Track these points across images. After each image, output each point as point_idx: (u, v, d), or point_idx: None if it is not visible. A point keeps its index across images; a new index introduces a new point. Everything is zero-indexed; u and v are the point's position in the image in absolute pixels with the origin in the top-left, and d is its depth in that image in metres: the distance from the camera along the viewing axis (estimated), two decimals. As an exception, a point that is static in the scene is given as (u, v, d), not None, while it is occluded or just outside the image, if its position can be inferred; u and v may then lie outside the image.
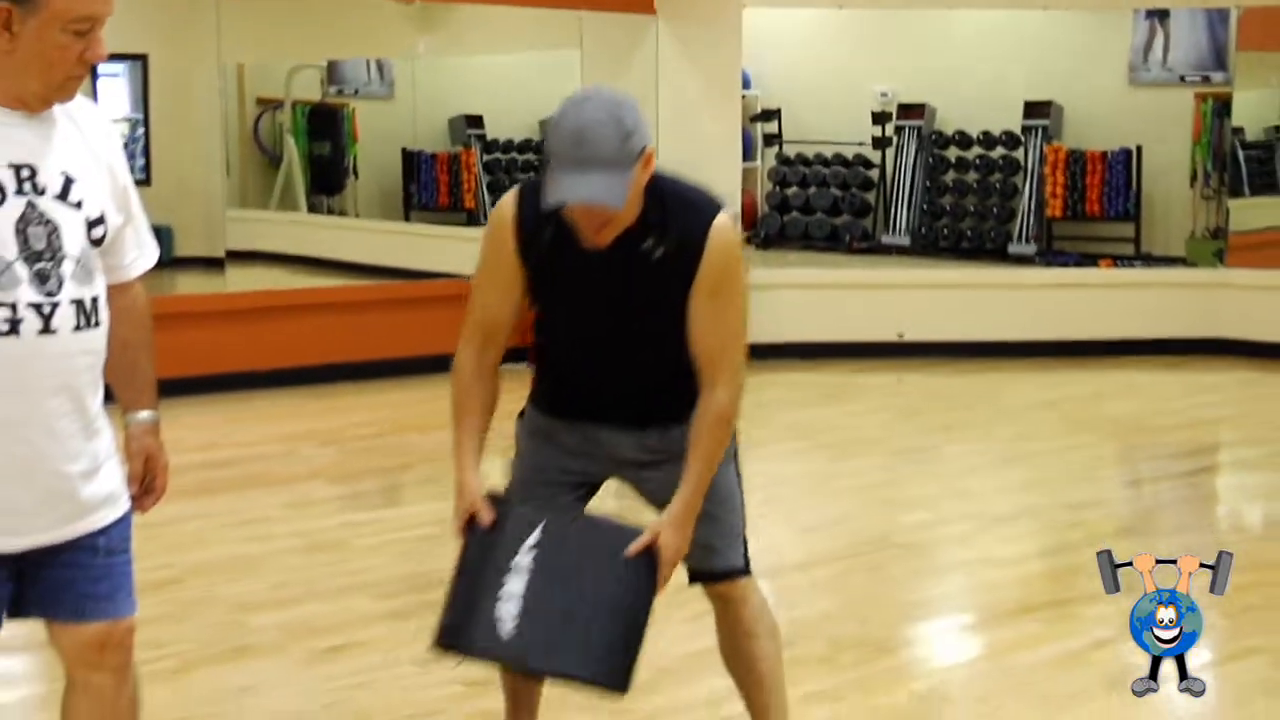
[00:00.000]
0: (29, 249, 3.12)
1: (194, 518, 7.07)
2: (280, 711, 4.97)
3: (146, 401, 3.55)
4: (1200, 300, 12.26)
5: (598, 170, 3.45)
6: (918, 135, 13.71)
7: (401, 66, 13.97)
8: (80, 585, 3.33)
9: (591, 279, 3.74)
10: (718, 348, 3.73)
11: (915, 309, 11.89)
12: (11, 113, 3.16)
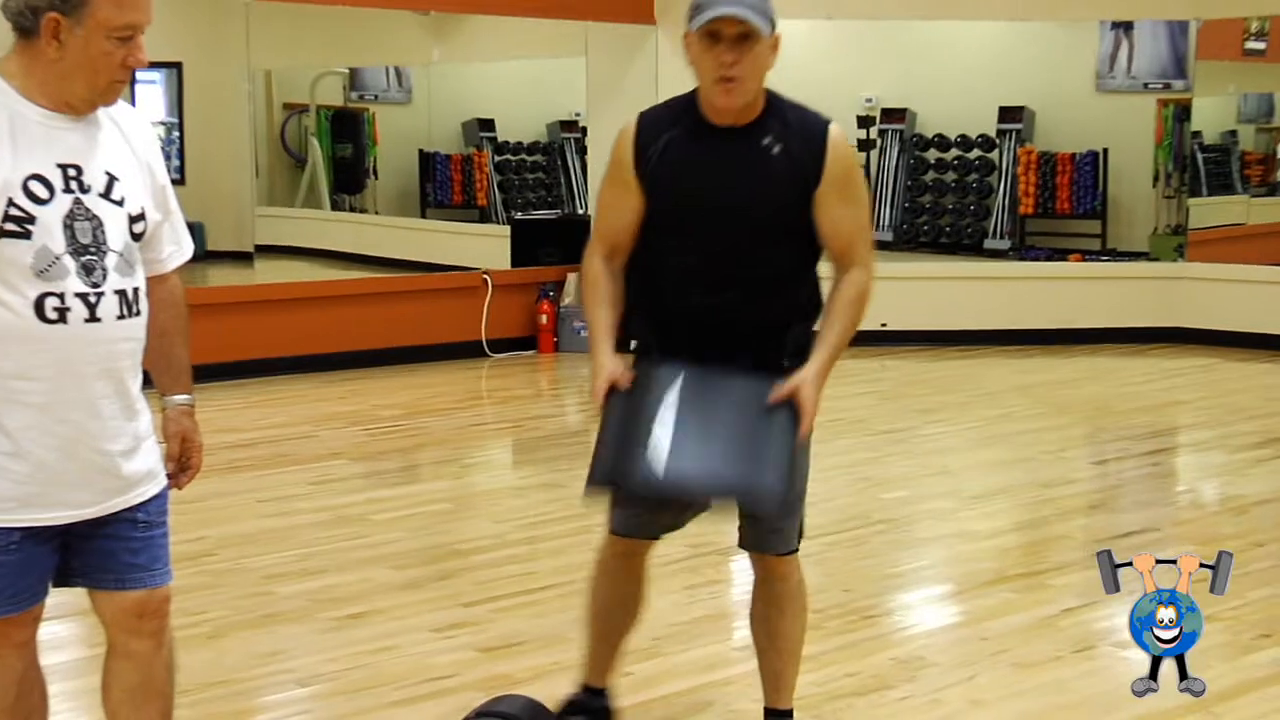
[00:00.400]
0: (76, 243, 3.14)
1: (226, 494, 7.08)
2: (305, 674, 4.96)
3: (182, 386, 3.55)
4: (1162, 292, 12.28)
5: (745, 5, 3.54)
6: (900, 138, 13.70)
7: (418, 73, 13.97)
8: (121, 556, 3.34)
9: (715, 174, 3.76)
10: (856, 233, 3.82)
11: (897, 299, 11.85)
12: (59, 116, 3.17)
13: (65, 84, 3.14)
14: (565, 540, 6.50)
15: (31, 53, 3.11)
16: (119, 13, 3.06)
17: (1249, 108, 13.66)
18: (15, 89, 3.13)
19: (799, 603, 4.06)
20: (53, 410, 3.16)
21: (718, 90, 3.63)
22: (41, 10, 3.04)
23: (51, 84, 3.14)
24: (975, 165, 13.60)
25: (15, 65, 3.14)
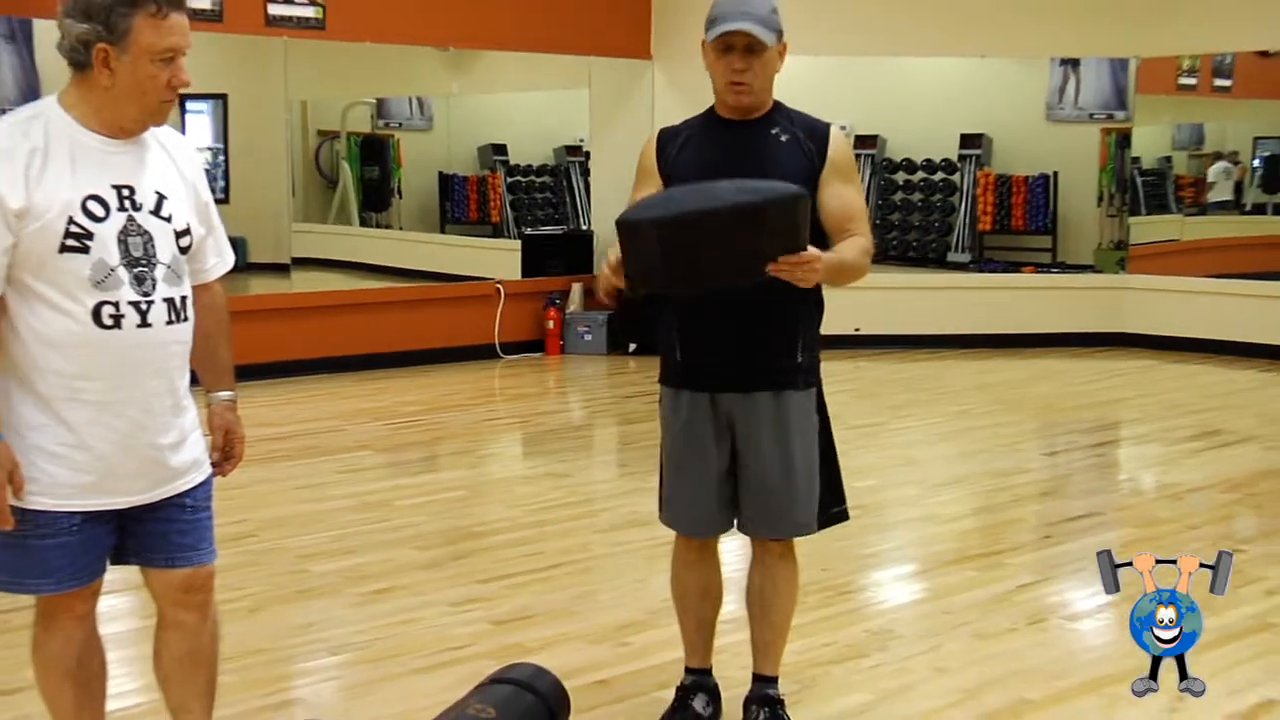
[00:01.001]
0: (129, 256, 3.15)
1: (265, 481, 7.07)
2: (336, 644, 4.95)
3: (226, 383, 3.56)
4: (1106, 301, 12.29)
5: (754, 21, 3.68)
6: (872, 162, 13.69)
7: (439, 103, 13.96)
8: (171, 537, 3.36)
9: (727, 158, 3.80)
10: (856, 209, 3.86)
11: (869, 307, 11.85)
12: (113, 141, 3.18)
13: (119, 108, 3.15)
14: (570, 524, 6.49)
15: (87, 84, 3.13)
16: (160, 38, 3.08)
17: (1182, 136, 13.69)
18: (74, 118, 3.14)
19: (792, 581, 4.06)
20: (110, 407, 3.18)
21: (730, 91, 3.77)
22: (92, 43, 3.05)
23: (106, 110, 3.15)
24: (939, 186, 13.59)
25: (73, 97, 3.16)
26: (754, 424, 3.84)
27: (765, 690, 4.07)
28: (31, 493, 3.14)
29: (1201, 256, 13.00)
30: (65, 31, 3.10)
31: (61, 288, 3.10)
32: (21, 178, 3.04)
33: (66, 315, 3.11)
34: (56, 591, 3.26)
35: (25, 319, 3.12)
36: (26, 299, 3.11)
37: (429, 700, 4.12)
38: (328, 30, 10.31)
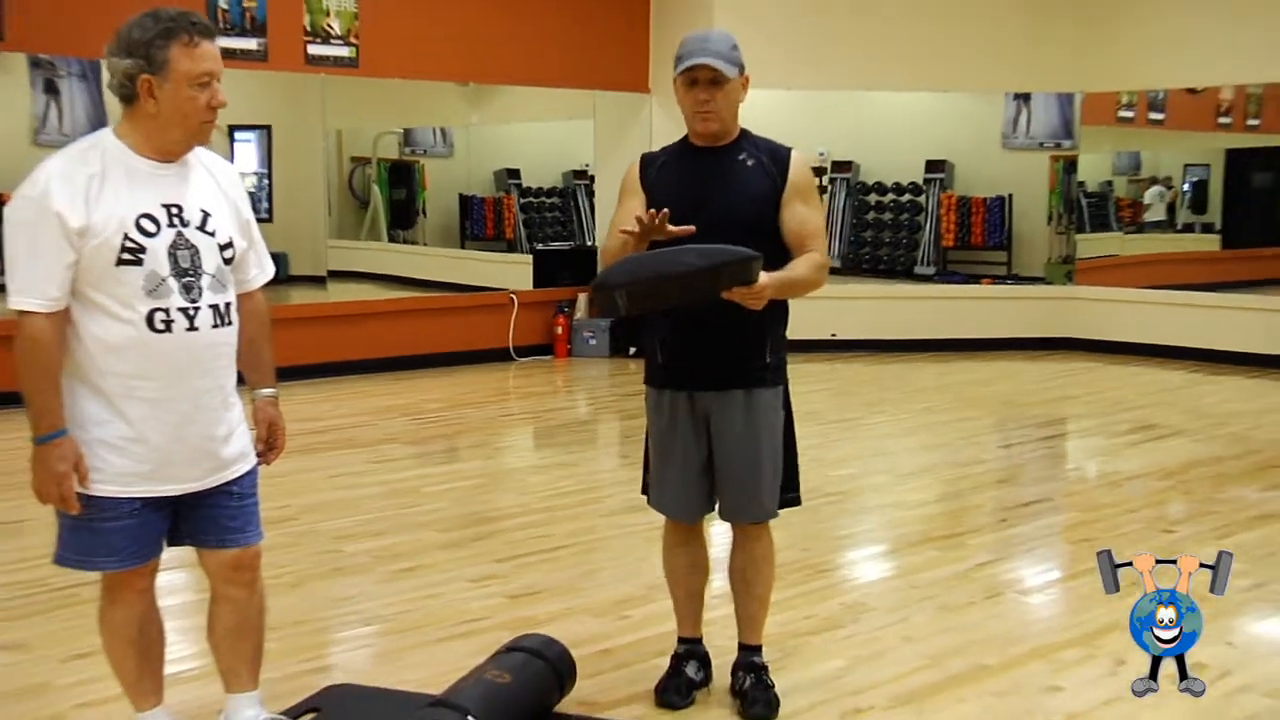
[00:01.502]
0: (178, 267, 3.18)
1: (304, 471, 7.07)
2: (368, 616, 4.95)
3: (268, 381, 3.59)
4: (1055, 309, 12.30)
5: (715, 56, 3.72)
6: (847, 185, 13.67)
7: (459, 132, 13.95)
8: (221, 521, 3.39)
9: (700, 185, 3.83)
10: (813, 230, 3.85)
11: (844, 314, 11.90)
12: (162, 164, 3.22)
13: (165, 133, 3.19)
14: (576, 509, 6.49)
15: (136, 115, 3.17)
16: (194, 64, 3.12)
17: (1121, 163, 13.69)
18: (127, 145, 3.18)
19: (770, 560, 4.06)
20: (164, 404, 3.20)
21: (697, 119, 3.80)
22: (136, 76, 3.10)
23: (155, 136, 3.19)
24: (907, 207, 13.57)
25: (126, 127, 3.20)
26: (728, 418, 3.86)
27: (750, 658, 4.07)
28: (96, 481, 3.17)
29: (1139, 270, 12.99)
30: (113, 69, 3.15)
31: (118, 297, 3.13)
32: (82, 200, 3.07)
33: (124, 322, 3.14)
34: (119, 569, 3.29)
35: (87, 326, 3.15)
36: (88, 308, 3.14)
37: (450, 666, 4.12)
38: (360, 68, 10.31)
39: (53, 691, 4.12)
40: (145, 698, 3.45)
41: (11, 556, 5.72)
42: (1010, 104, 12.85)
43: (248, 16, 9.57)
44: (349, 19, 10.14)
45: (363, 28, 10.25)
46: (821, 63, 11.70)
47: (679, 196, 3.77)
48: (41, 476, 3.13)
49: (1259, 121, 12.53)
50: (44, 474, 3.12)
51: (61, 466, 3.11)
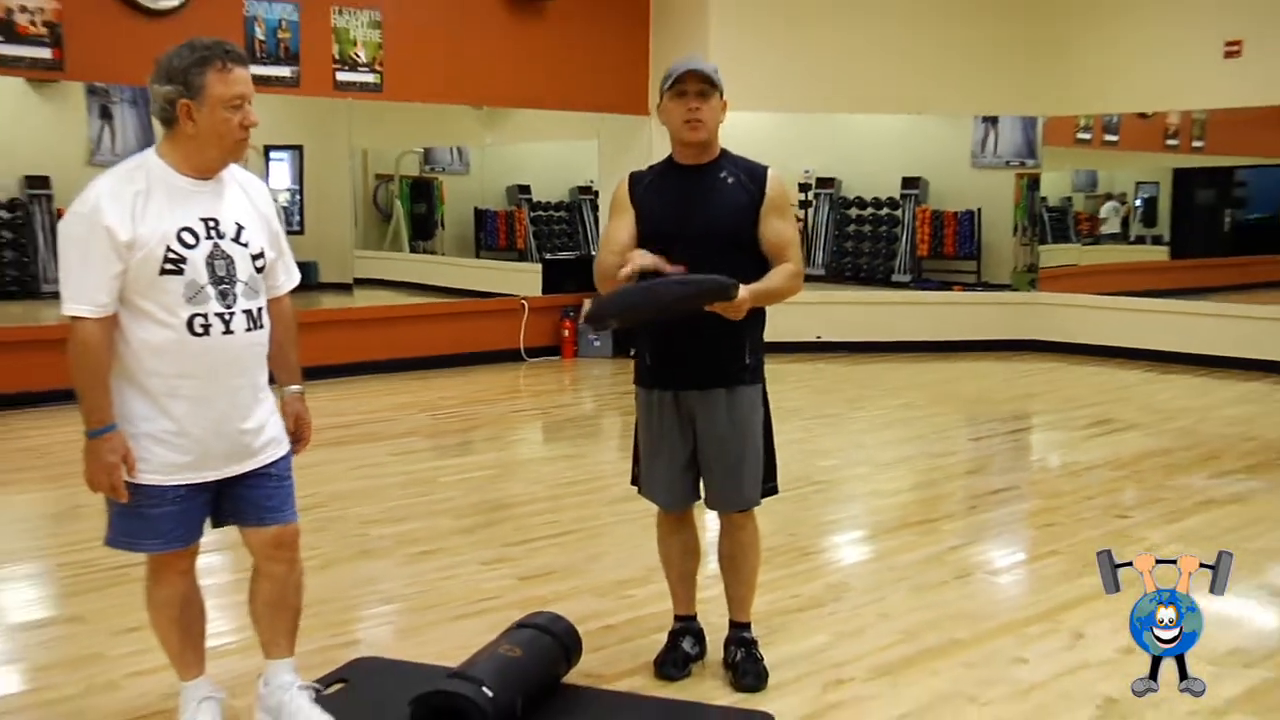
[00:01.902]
0: (215, 275, 3.22)
1: (331, 462, 7.06)
2: (390, 595, 4.95)
3: (295, 379, 3.62)
4: (1020, 313, 12.29)
5: (703, 66, 3.77)
6: (830, 199, 13.66)
7: (475, 152, 13.96)
8: (261, 501, 3.43)
9: (684, 200, 3.83)
10: (788, 241, 3.85)
11: (828, 318, 11.90)
12: (200, 182, 3.25)
13: (203, 152, 3.22)
14: (582, 497, 6.49)
15: (177, 136, 3.22)
16: (227, 88, 3.16)
17: (1079, 180, 13.69)
18: (169, 165, 3.22)
19: (755, 545, 4.06)
20: (203, 400, 3.23)
21: (686, 129, 3.79)
22: (175, 100, 3.15)
23: (193, 156, 3.22)
24: (885, 220, 13.56)
25: (166, 148, 3.24)
26: (712, 415, 3.86)
27: (741, 634, 4.07)
28: (143, 471, 3.20)
29: (1096, 278, 13.00)
30: (155, 96, 3.20)
31: (162, 304, 3.16)
32: (129, 216, 3.11)
33: (166, 326, 3.17)
34: (164, 550, 3.33)
35: (133, 330, 3.18)
36: (134, 314, 3.17)
37: (466, 641, 4.11)
38: (384, 92, 10.31)
39: (106, 661, 4.12)
40: (189, 668, 3.47)
41: (68, 540, 5.74)
42: (979, 126, 12.85)
43: (282, 46, 9.59)
44: (374, 48, 10.15)
45: (386, 56, 10.25)
46: (807, 87, 11.69)
47: (666, 212, 3.82)
48: (93, 467, 3.16)
49: (1203, 144, 12.60)
50: (95, 465, 3.15)
51: (111, 458, 3.14)
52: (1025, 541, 5.91)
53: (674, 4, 11.73)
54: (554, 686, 3.83)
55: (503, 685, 3.53)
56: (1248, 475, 7.04)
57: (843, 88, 11.76)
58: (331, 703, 3.78)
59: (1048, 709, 3.85)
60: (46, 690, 3.97)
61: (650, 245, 3.76)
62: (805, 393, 9.81)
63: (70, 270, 3.12)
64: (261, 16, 9.48)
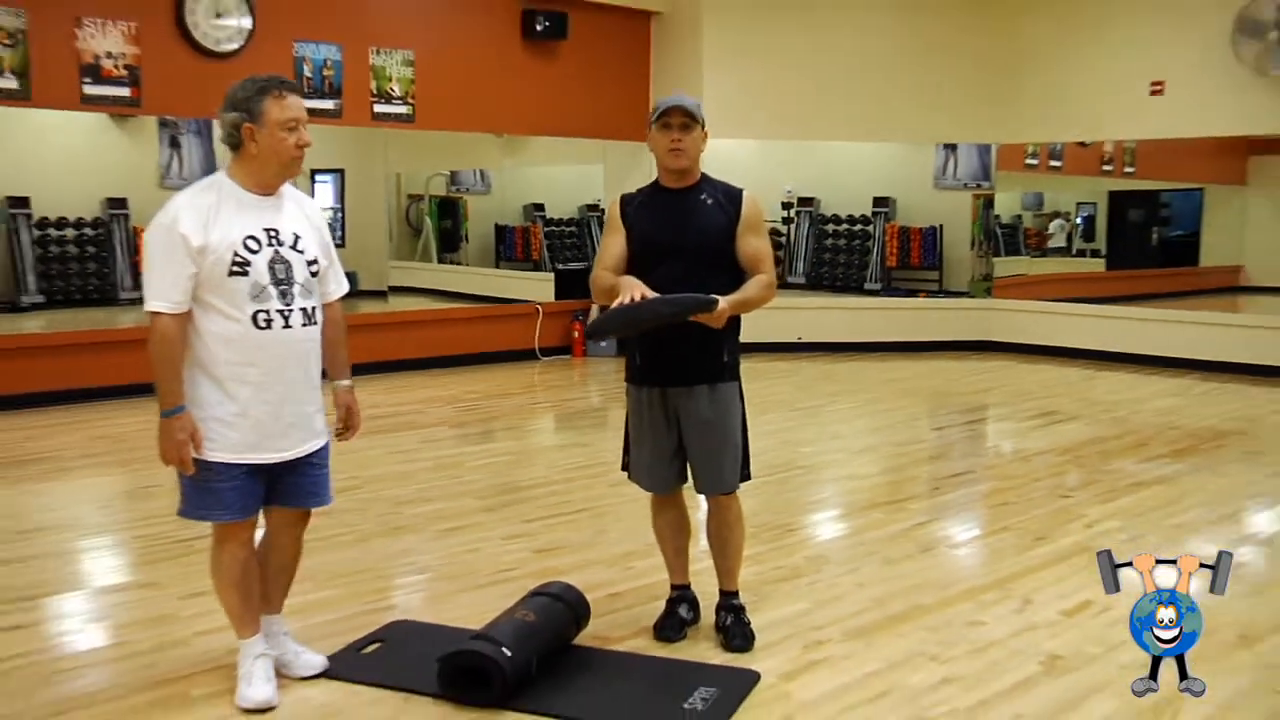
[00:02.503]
0: (275, 277, 3.32)
1: (369, 449, 7.05)
2: (421, 566, 4.95)
3: (346, 375, 3.69)
4: (977, 317, 12.28)
5: (686, 102, 3.79)
6: (809, 216, 13.65)
7: (495, 174, 13.96)
8: (306, 487, 3.53)
9: (669, 217, 3.84)
10: (763, 255, 3.85)
11: (808, 321, 11.90)
12: (262, 197, 3.37)
13: (264, 170, 3.34)
14: (591, 480, 6.49)
15: (242, 158, 3.34)
16: (282, 112, 3.29)
17: (1028, 201, 13.71)
18: (236, 182, 3.34)
19: (739, 524, 4.05)
20: (264, 386, 3.33)
21: (670, 156, 3.82)
22: (240, 125, 3.29)
23: (256, 173, 3.34)
24: (858, 234, 13.54)
25: (234, 169, 3.36)
26: (695, 409, 3.87)
27: (730, 601, 4.07)
28: (213, 450, 3.31)
29: (1043, 286, 13.00)
30: (223, 123, 3.32)
31: (230, 301, 3.27)
32: (202, 225, 3.23)
33: (234, 321, 3.28)
34: (230, 521, 3.39)
35: (205, 325, 3.28)
36: (206, 310, 3.27)
37: (487, 607, 4.12)
38: (416, 122, 10.30)
39: (177, 621, 4.13)
40: (246, 627, 3.51)
41: (143, 515, 5.77)
42: (940, 152, 12.84)
43: (327, 83, 9.62)
44: (407, 84, 10.15)
45: (418, 91, 10.25)
46: (790, 117, 11.68)
47: (653, 229, 3.84)
48: (165, 443, 3.27)
49: (1133, 169, 12.76)
50: (167, 441, 3.26)
51: (181, 435, 3.25)
52: (981, 519, 5.92)
53: (671, 45, 11.74)
54: (565, 647, 3.83)
55: (520, 646, 3.54)
56: (1172, 459, 7.05)
57: (822, 118, 11.77)
58: (369, 660, 3.80)
59: (1000, 665, 3.85)
60: (126, 645, 3.99)
61: (640, 258, 3.83)
62: (787, 388, 9.81)
63: (152, 272, 3.24)
64: (309, 57, 9.51)
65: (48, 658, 3.91)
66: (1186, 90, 10.72)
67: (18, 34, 8.07)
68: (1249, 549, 5.30)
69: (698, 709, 3.45)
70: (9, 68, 8.04)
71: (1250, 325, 10.80)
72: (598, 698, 3.54)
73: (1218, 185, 12.92)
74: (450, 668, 3.51)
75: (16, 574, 4.75)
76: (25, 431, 7.65)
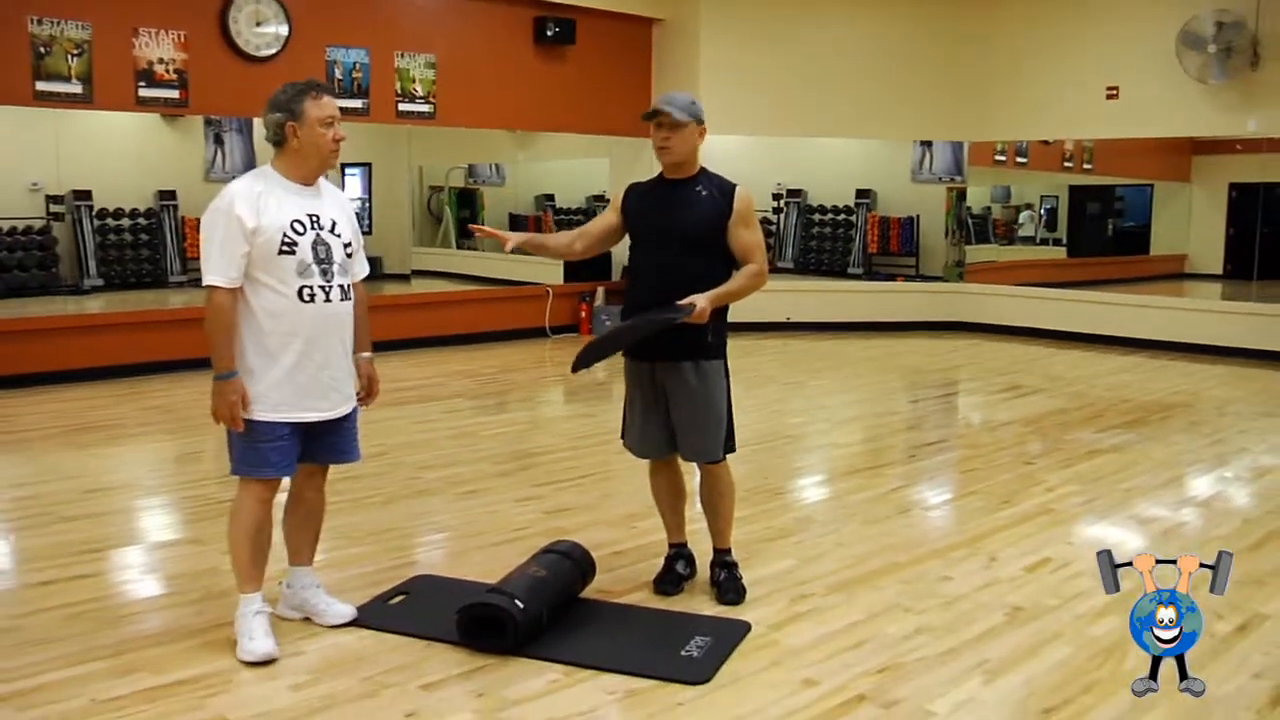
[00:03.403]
0: (318, 257, 3.44)
1: (394, 419, 7.08)
2: (441, 526, 4.97)
3: (367, 347, 3.74)
4: (950, 300, 12.27)
5: (671, 106, 3.74)
6: (798, 206, 13.61)
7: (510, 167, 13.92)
8: (338, 445, 3.62)
9: (664, 208, 3.83)
10: (754, 246, 3.83)
11: (796, 303, 11.89)
12: (304, 187, 3.48)
13: (305, 164, 3.44)
14: (596, 447, 6.50)
15: (286, 153, 3.45)
16: (320, 111, 3.41)
17: (997, 193, 13.66)
18: (280, 174, 3.45)
19: (729, 489, 4.04)
20: (307, 353, 3.42)
21: (658, 153, 3.82)
22: (283, 123, 3.40)
23: (298, 166, 3.45)
24: (842, 223, 13.50)
25: (279, 163, 3.47)
26: (681, 384, 3.86)
27: (723, 558, 4.07)
28: (260, 410, 3.38)
29: (1010, 271, 12.96)
30: (268, 124, 3.43)
31: (279, 277, 3.37)
32: (254, 209, 3.33)
33: (283, 295, 3.38)
34: (274, 476, 3.47)
35: (256, 300, 3.38)
36: (256, 286, 3.37)
37: (501, 563, 4.12)
38: (437, 119, 10.28)
39: (219, 574, 4.14)
40: (250, 582, 3.51)
41: (191, 478, 5.79)
42: (917, 149, 12.80)
43: (356, 84, 9.62)
44: (429, 84, 10.12)
45: (439, 90, 10.22)
46: (781, 115, 11.66)
47: (651, 216, 3.86)
48: (218, 403, 3.35)
49: (1091, 166, 12.77)
50: (220, 401, 3.34)
51: (233, 397, 3.33)
52: (952, 483, 5.93)
53: (671, 49, 11.69)
54: (573, 600, 3.85)
55: (531, 598, 3.55)
56: (1124, 430, 7.05)
57: (809, 116, 11.74)
58: (394, 610, 3.82)
59: (968, 615, 3.87)
60: (175, 595, 4.02)
61: (635, 240, 3.89)
62: (776, 364, 9.81)
63: (210, 251, 3.32)
64: (340, 60, 9.52)
65: (112, 603, 3.96)
66: (1138, 96, 10.82)
67: (84, 44, 8.20)
68: (1190, 510, 5.31)
69: (694, 656, 3.47)
70: (75, 75, 8.19)
71: (1193, 309, 10.89)
72: (602, 646, 3.55)
73: (1166, 181, 12.95)
74: (468, 618, 3.53)
75: (84, 529, 4.79)
76: (89, 402, 7.67)
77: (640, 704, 3.19)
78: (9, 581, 4.23)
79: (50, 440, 6.60)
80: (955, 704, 3.20)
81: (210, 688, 3.24)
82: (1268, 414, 7.69)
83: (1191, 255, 12.79)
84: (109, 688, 3.23)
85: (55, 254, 10.71)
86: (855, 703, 3.20)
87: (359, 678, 3.32)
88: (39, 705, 3.12)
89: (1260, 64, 10.02)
